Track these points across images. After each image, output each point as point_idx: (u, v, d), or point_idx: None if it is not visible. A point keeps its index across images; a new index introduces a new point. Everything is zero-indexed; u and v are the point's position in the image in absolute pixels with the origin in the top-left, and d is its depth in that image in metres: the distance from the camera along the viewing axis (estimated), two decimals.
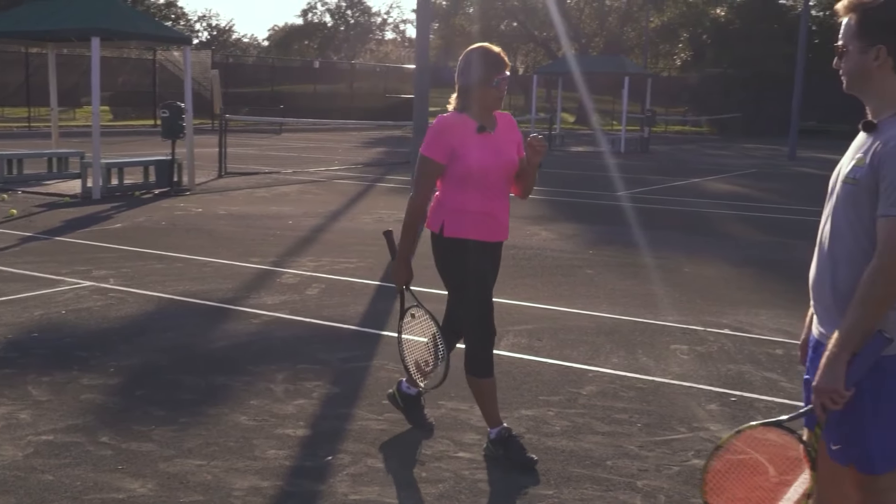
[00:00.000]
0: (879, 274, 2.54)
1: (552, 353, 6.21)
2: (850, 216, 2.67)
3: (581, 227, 12.31)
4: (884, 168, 2.56)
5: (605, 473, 4.29)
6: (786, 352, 6.43)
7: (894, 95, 2.67)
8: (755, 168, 24.34)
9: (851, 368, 2.59)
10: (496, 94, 4.28)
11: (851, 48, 2.69)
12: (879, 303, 2.56)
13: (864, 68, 2.67)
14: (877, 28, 2.63)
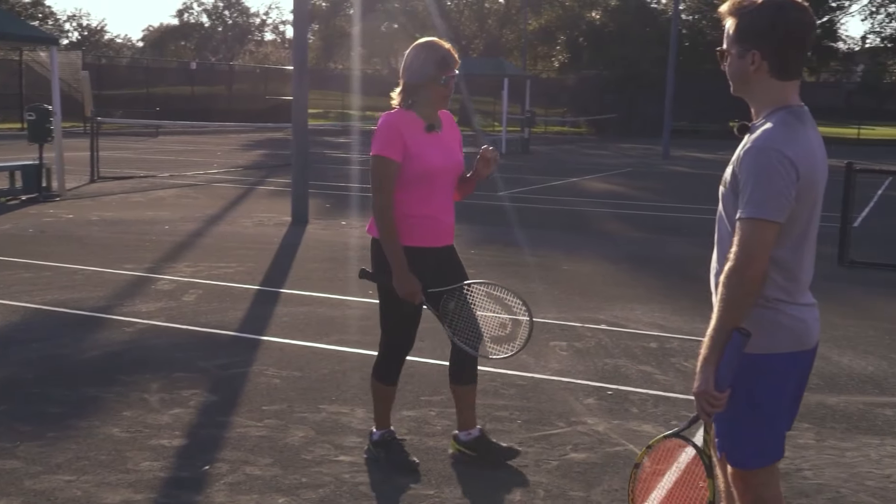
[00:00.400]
0: (732, 275, 2.58)
1: (434, 354, 6.22)
2: (725, 219, 2.77)
3: (462, 228, 12.34)
4: (741, 173, 2.63)
5: (486, 471, 4.32)
6: (660, 345, 6.61)
7: (771, 98, 2.73)
8: (631, 167, 24.99)
9: (719, 369, 2.63)
10: (444, 93, 4.10)
11: (732, 53, 2.74)
12: (737, 304, 2.58)
13: (743, 72, 2.73)
14: (750, 34, 2.68)
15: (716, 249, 2.84)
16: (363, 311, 7.38)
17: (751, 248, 2.57)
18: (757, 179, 2.58)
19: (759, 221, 2.56)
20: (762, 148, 2.60)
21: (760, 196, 2.57)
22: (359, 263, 9.49)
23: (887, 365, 6.25)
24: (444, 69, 4.05)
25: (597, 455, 4.56)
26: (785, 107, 2.70)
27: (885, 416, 5.25)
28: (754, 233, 2.57)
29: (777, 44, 2.65)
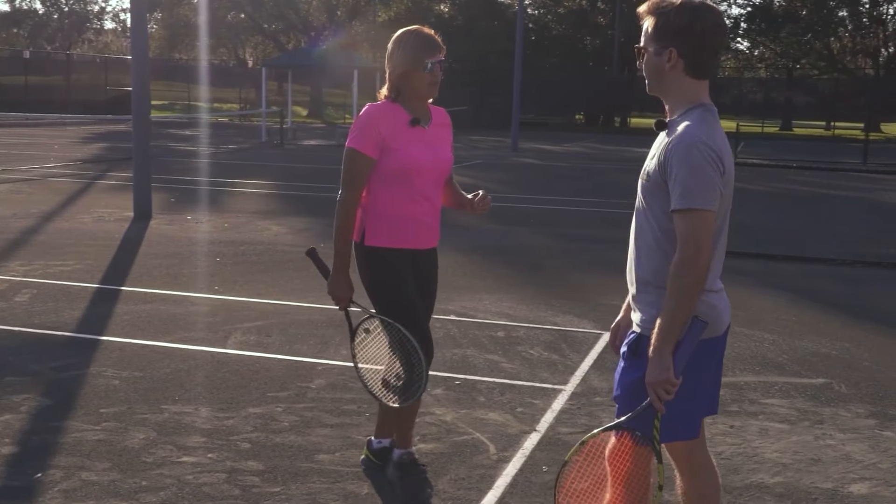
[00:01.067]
0: (682, 265, 2.69)
1: (281, 349, 6.14)
2: (648, 211, 2.87)
3: (313, 221, 12.27)
4: (669, 165, 2.73)
5: (334, 465, 4.29)
6: (507, 333, 6.73)
7: (686, 96, 2.84)
8: (481, 159, 25.30)
9: (677, 357, 2.72)
10: (430, 80, 3.79)
11: (649, 50, 2.84)
12: (689, 292, 2.70)
13: (660, 69, 2.84)
14: (669, 32, 2.79)
15: (634, 241, 2.95)
16: (208, 308, 7.21)
17: (697, 237, 2.70)
18: (691, 172, 2.69)
19: (699, 211, 2.69)
20: (691, 143, 2.71)
21: (696, 187, 2.69)
22: (205, 258, 9.28)
23: None
24: (429, 54, 3.77)
25: (444, 445, 4.60)
26: (700, 105, 2.83)
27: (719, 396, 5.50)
28: (696, 222, 2.70)
29: (693, 42, 2.78)
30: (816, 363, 6.21)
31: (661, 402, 2.73)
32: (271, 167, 20.87)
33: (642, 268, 2.89)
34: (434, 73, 3.80)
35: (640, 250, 2.90)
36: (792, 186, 19.16)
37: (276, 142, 28.25)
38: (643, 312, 2.90)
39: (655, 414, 2.77)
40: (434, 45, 3.81)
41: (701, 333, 2.75)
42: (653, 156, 2.86)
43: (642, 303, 2.91)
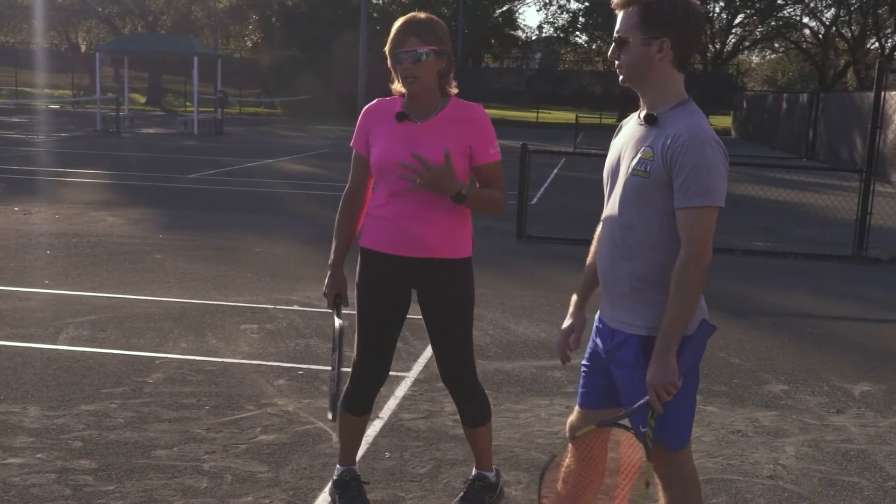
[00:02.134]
0: (690, 264, 2.63)
1: (117, 343, 5.94)
2: (641, 207, 2.73)
3: (151, 212, 11.90)
4: (677, 162, 2.63)
5: (171, 461, 4.19)
6: (350, 323, 6.71)
7: (672, 88, 2.75)
8: (327, 149, 25.16)
9: (682, 358, 2.68)
10: (402, 73, 3.40)
11: (633, 40, 2.70)
12: (695, 291, 2.66)
13: (647, 60, 2.70)
14: (660, 21, 2.67)
15: (618, 239, 2.82)
16: (38, 303, 6.89)
17: (706, 236, 2.64)
18: (705, 168, 2.62)
19: (711, 209, 2.64)
20: (704, 138, 2.64)
21: (712, 184, 2.62)
22: (35, 251, 8.85)
23: (557, 331, 6.75)
24: (396, 43, 3.41)
25: (286, 435, 4.56)
26: (687, 99, 2.76)
27: (555, 377, 5.69)
28: (707, 220, 2.64)
29: (686, 33, 2.70)
30: None
31: (660, 403, 2.68)
32: (106, 156, 20.08)
33: (636, 266, 2.78)
34: (403, 64, 3.40)
35: (634, 251, 2.77)
36: None
37: (111, 130, 27.18)
38: (644, 312, 2.78)
39: (651, 413, 2.72)
40: (401, 32, 3.41)
41: (709, 336, 2.74)
42: (639, 150, 2.74)
43: (638, 301, 2.79)
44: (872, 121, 10.09)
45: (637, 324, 2.79)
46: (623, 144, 2.84)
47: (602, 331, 2.94)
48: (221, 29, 52.90)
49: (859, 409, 5.34)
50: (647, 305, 2.76)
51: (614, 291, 2.85)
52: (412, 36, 3.39)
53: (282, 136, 29.98)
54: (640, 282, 2.77)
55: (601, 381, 2.97)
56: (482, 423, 3.77)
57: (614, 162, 2.87)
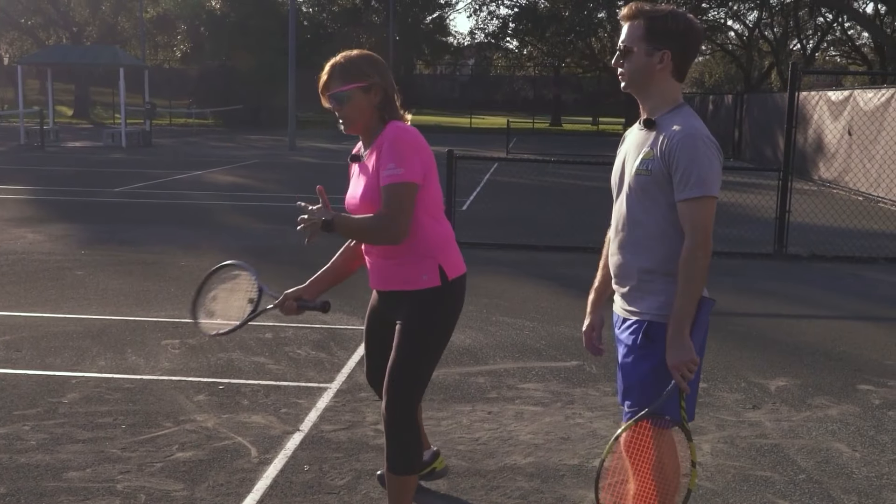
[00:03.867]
0: (696, 250, 2.86)
1: (32, 364, 5.81)
2: (646, 204, 2.97)
3: (73, 227, 11.66)
4: (674, 158, 2.87)
5: (84, 482, 4.10)
6: (275, 335, 6.67)
7: (670, 95, 2.99)
8: (258, 159, 24.93)
9: (694, 336, 2.88)
10: (337, 117, 3.44)
11: (637, 50, 2.95)
12: (702, 275, 2.88)
13: (650, 69, 2.95)
14: (662, 34, 2.92)
15: (626, 236, 3.04)
16: None
17: (707, 224, 2.88)
18: (700, 162, 2.85)
19: (709, 198, 2.86)
20: (697, 136, 2.88)
21: (705, 176, 2.85)
22: None
23: (483, 336, 6.80)
24: (322, 90, 3.42)
25: (204, 452, 4.50)
26: (683, 104, 3.00)
27: (478, 383, 5.71)
28: (706, 209, 2.87)
29: (686, 47, 2.95)
30: (571, 347, 6.55)
31: (686, 382, 2.87)
32: (30, 171, 19.63)
33: (643, 259, 2.99)
34: (333, 108, 3.41)
35: (635, 244, 3.01)
36: (558, 179, 20.07)
37: (36, 143, 26.59)
38: (649, 301, 2.98)
39: (681, 395, 2.92)
40: (326, 79, 3.39)
41: (710, 311, 2.95)
42: (640, 152, 2.97)
43: (645, 291, 3.00)
44: (788, 120, 10.33)
45: (642, 311, 3.01)
46: (627, 150, 3.09)
47: (616, 322, 3.16)
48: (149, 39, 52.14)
49: (774, 403, 5.45)
50: (653, 294, 2.98)
51: (626, 284, 3.07)
52: (335, 79, 3.35)
53: (212, 147, 29.63)
54: (646, 273, 2.99)
55: None
56: (390, 469, 3.49)
57: (620, 166, 3.10)
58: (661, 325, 2.94)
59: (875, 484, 4.33)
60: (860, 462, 4.59)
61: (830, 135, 19.40)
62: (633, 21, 2.97)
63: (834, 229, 12.14)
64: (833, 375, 6.03)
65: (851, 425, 5.11)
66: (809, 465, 4.53)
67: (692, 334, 2.89)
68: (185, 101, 48.74)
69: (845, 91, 19.26)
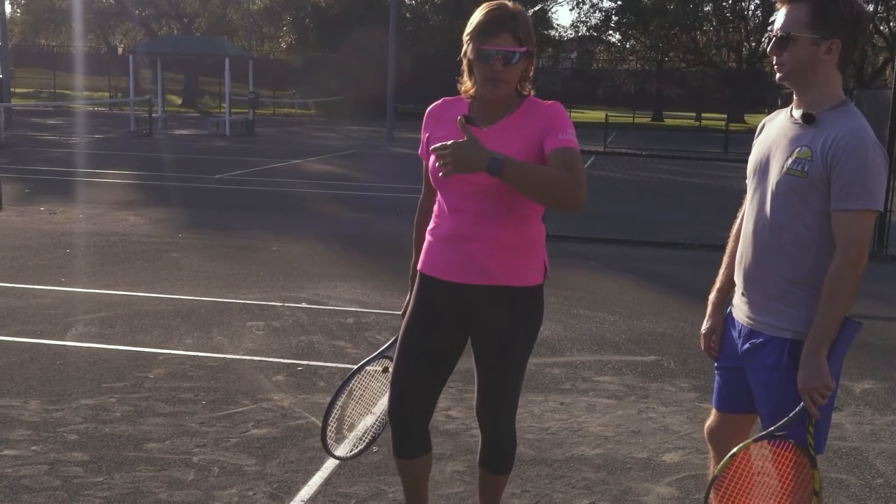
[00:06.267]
0: (847, 268, 2.61)
1: (123, 340, 6.05)
2: (797, 207, 2.69)
3: (173, 211, 12.05)
4: (838, 164, 2.60)
5: (162, 454, 4.27)
6: (356, 320, 6.79)
7: (832, 89, 2.72)
8: (355, 149, 25.28)
9: (832, 360, 2.66)
10: (485, 72, 2.91)
11: (801, 38, 2.66)
12: (850, 294, 2.63)
13: (815, 59, 2.67)
14: (833, 22, 2.64)
15: (766, 238, 2.78)
16: (51, 300, 7.02)
17: (864, 239, 2.62)
18: (868, 172, 2.59)
19: (871, 212, 2.62)
20: (866, 139, 2.62)
21: (872, 187, 2.60)
22: (54, 250, 9.02)
23: (562, 328, 6.78)
24: (483, 39, 2.89)
25: (278, 429, 4.63)
26: (846, 100, 2.72)
27: (553, 374, 5.70)
28: (866, 223, 2.62)
29: (857, 36, 2.69)
30: (651, 342, 6.48)
31: (816, 408, 2.66)
32: (136, 157, 20.35)
33: (787, 268, 2.73)
34: (493, 64, 2.88)
35: (786, 251, 2.73)
36: (657, 175, 19.79)
37: (144, 131, 27.54)
38: (790, 315, 2.74)
39: (809, 420, 2.69)
40: (491, 26, 2.89)
41: (854, 335, 2.71)
42: (795, 150, 2.70)
43: (785, 303, 2.75)
44: (892, 116, 9.97)
45: (782, 326, 2.76)
46: (773, 143, 2.81)
47: (738, 332, 2.92)
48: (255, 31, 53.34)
49: (858, 406, 5.30)
50: (795, 308, 2.74)
51: (758, 293, 2.82)
52: (506, 32, 2.88)
53: (312, 137, 30.17)
54: (788, 283, 2.74)
55: (738, 384, 2.96)
56: (503, 471, 3.34)
57: (762, 160, 2.83)
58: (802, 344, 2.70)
59: None
60: None
61: None
62: (795, 4, 2.67)
63: None
64: None
65: None
66: (889, 469, 4.40)
67: (830, 357, 2.64)
68: (289, 91, 49.68)
69: None
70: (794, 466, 2.73)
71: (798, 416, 2.70)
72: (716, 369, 3.09)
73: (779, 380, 2.76)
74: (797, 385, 2.69)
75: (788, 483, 2.75)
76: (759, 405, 2.87)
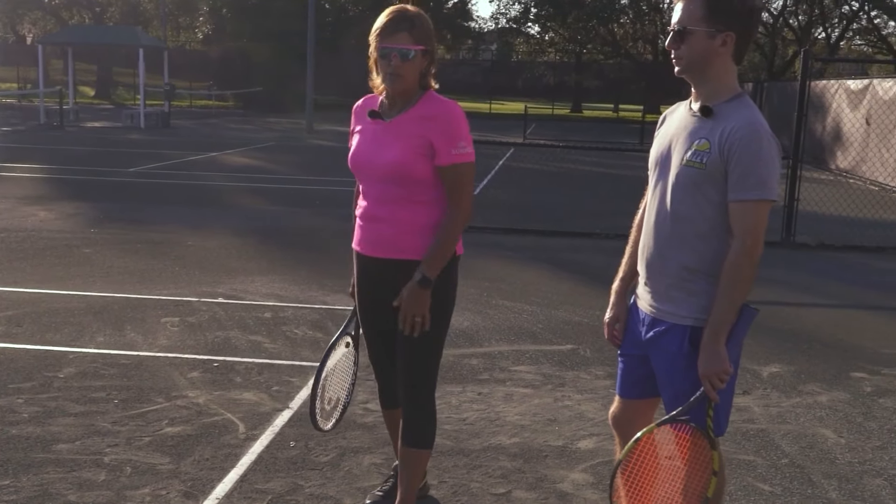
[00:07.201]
0: (744, 256, 2.67)
1: (31, 339, 5.89)
2: (697, 198, 2.75)
3: (85, 206, 11.76)
4: (734, 155, 2.66)
5: (72, 454, 4.17)
6: (274, 314, 6.73)
7: (728, 81, 2.77)
8: (274, 141, 25.01)
9: (731, 346, 2.73)
10: (386, 69, 3.23)
11: (697, 32, 2.71)
12: (747, 282, 2.70)
13: (710, 52, 2.72)
14: (727, 15, 2.69)
15: (668, 228, 2.83)
16: None
17: (760, 229, 2.68)
18: (763, 162, 2.66)
19: (766, 202, 2.67)
20: (760, 131, 2.68)
21: (767, 178, 2.66)
22: None
23: (481, 319, 6.82)
24: (381, 38, 3.23)
25: (192, 427, 4.56)
26: (742, 93, 2.77)
27: (471, 364, 5.74)
28: (761, 213, 2.68)
29: (750, 28, 2.74)
30: (567, 331, 6.57)
31: (715, 392, 2.73)
32: (47, 150, 19.78)
33: (687, 257, 2.79)
34: (389, 60, 3.21)
35: (680, 239, 2.80)
36: (575, 166, 20.01)
37: (55, 123, 26.78)
38: (690, 303, 2.81)
39: (709, 404, 2.76)
40: (391, 26, 3.21)
41: (752, 321, 2.78)
42: (693, 142, 2.76)
43: (686, 291, 2.81)
44: (798, 108, 10.27)
45: (683, 314, 2.83)
46: (674, 135, 2.85)
47: (641, 320, 2.97)
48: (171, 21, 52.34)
49: (765, 389, 5.46)
50: (695, 296, 2.80)
51: (660, 281, 2.88)
52: (403, 32, 3.21)
53: (230, 129, 29.73)
54: (688, 272, 2.80)
55: (641, 371, 3.02)
56: (418, 445, 3.50)
57: (663, 152, 2.87)
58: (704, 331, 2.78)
59: (857, 469, 4.34)
60: (844, 448, 4.59)
61: (849, 124, 19.25)
62: (689, 0, 2.74)
63: (846, 219, 12.05)
64: (827, 363, 6.02)
65: (840, 412, 5.11)
66: (793, 450, 4.55)
67: (728, 343, 2.72)
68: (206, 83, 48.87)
69: (864, 80, 19.09)
70: (695, 448, 2.81)
71: (698, 400, 2.77)
72: (619, 356, 3.15)
73: (680, 366, 2.83)
74: (698, 370, 2.76)
75: (690, 464, 2.83)
76: (662, 390, 2.95)
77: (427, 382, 3.47)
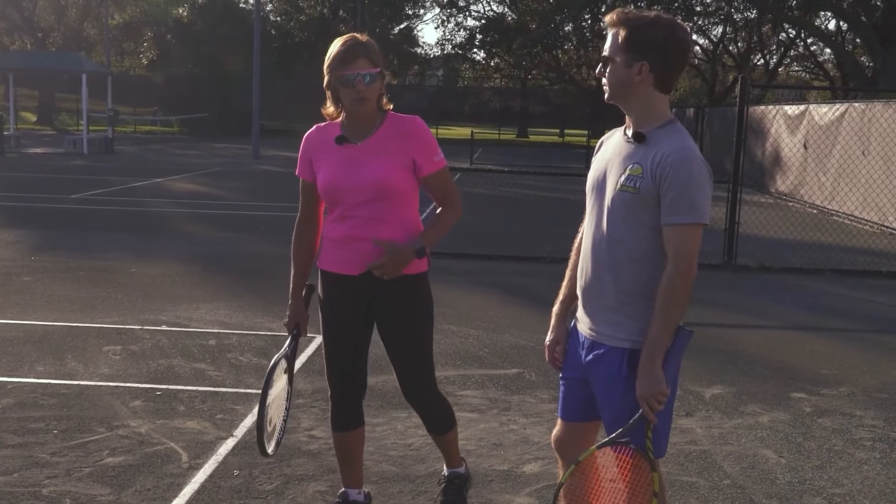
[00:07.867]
0: (678, 279, 2.72)
1: None
2: (629, 222, 2.80)
3: (25, 233, 11.56)
4: (666, 180, 2.72)
5: (9, 487, 4.09)
6: (218, 341, 6.67)
7: (658, 109, 2.83)
8: (220, 167, 24.82)
9: (667, 368, 2.76)
10: (351, 95, 3.41)
11: (618, 60, 2.79)
12: (682, 304, 2.75)
13: (628, 81, 2.79)
14: (642, 45, 2.75)
15: (605, 253, 2.87)
16: None
17: (692, 252, 2.74)
18: (693, 186, 2.72)
19: (698, 226, 2.74)
20: (691, 157, 2.74)
21: (698, 202, 2.72)
22: None
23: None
24: (341, 67, 3.40)
25: (134, 457, 4.50)
26: (672, 119, 2.85)
27: None
28: (693, 237, 2.74)
29: (666, 58, 2.77)
30: (513, 355, 6.61)
31: (654, 414, 2.77)
32: None
33: (623, 280, 2.84)
34: (355, 86, 3.40)
35: (621, 265, 2.84)
36: (521, 190, 20.18)
37: None
38: (627, 326, 2.85)
39: (647, 425, 2.80)
40: (349, 54, 3.40)
41: (688, 341, 2.83)
42: (627, 167, 2.81)
43: (623, 315, 2.86)
44: (737, 133, 10.49)
45: (620, 336, 2.87)
46: (609, 160, 2.91)
47: (581, 343, 3.01)
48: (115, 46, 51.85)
49: (708, 411, 5.54)
50: (632, 319, 2.85)
51: (597, 304, 2.92)
52: (361, 58, 3.41)
53: (175, 155, 29.46)
54: (625, 295, 2.85)
55: (582, 394, 3.05)
56: (446, 430, 3.93)
57: (600, 176, 2.93)
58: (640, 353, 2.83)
59: (797, 489, 4.42)
60: (785, 468, 4.67)
61: (787, 148, 19.69)
62: (614, 29, 2.82)
63: (785, 241, 12.31)
64: (768, 384, 6.13)
65: (780, 432, 5.20)
66: (735, 470, 4.61)
67: (665, 364, 2.76)
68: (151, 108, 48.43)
69: (802, 105, 19.55)
70: (636, 470, 2.84)
71: (637, 422, 2.81)
72: (560, 379, 3.18)
73: (619, 388, 2.86)
74: (632, 396, 2.81)
75: (631, 486, 2.86)
76: (602, 413, 2.98)
77: (432, 369, 3.88)
